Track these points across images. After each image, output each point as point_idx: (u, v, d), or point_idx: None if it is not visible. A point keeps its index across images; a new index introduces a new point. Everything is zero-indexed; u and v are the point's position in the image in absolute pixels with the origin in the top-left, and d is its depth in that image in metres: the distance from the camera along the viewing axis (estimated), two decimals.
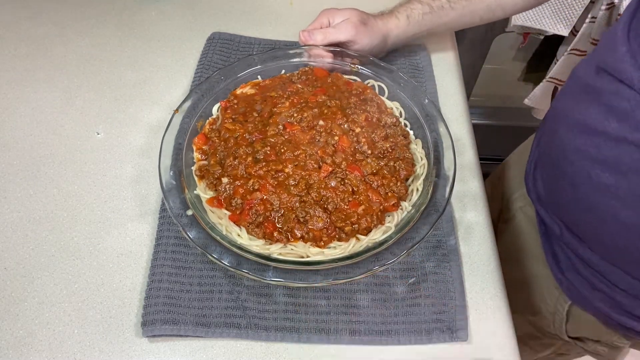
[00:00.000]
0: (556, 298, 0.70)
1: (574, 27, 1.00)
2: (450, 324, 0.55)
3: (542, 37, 1.18)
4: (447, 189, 0.58)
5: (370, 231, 0.57)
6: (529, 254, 0.75)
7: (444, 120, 0.65)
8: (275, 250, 0.55)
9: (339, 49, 0.74)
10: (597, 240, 0.57)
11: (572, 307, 0.69)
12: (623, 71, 0.48)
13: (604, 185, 0.52)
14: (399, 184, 0.61)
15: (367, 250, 0.54)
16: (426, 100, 0.68)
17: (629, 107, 0.48)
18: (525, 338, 0.81)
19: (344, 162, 0.61)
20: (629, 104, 0.48)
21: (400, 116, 0.70)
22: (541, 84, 1.08)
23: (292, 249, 0.56)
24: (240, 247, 0.54)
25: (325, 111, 0.65)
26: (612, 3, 0.85)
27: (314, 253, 0.55)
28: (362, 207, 0.58)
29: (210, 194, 0.60)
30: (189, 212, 0.56)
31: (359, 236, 0.56)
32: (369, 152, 0.63)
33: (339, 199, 0.58)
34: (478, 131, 0.78)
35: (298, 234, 0.56)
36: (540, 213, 0.67)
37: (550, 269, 0.68)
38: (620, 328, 0.64)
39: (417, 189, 0.61)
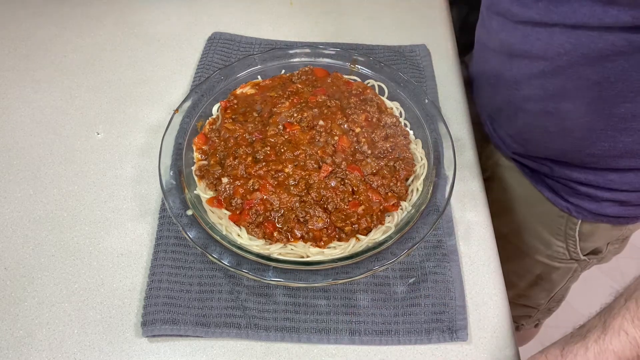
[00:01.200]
0: (564, 224, 0.73)
1: None
2: (450, 324, 0.55)
3: None
4: (447, 189, 0.58)
5: (370, 231, 0.57)
6: (522, 198, 0.78)
7: (444, 120, 0.65)
8: (275, 250, 0.55)
9: (338, 48, 0.74)
10: (587, 157, 0.62)
11: (582, 225, 0.72)
12: (517, 14, 0.56)
13: (566, 112, 0.58)
14: (399, 184, 0.61)
15: (367, 250, 0.54)
16: (426, 100, 0.68)
17: (543, 43, 0.55)
18: (543, 276, 0.84)
19: (344, 162, 0.61)
20: (541, 41, 0.55)
21: (400, 116, 0.70)
22: None
23: (292, 249, 0.56)
24: (240, 247, 0.54)
25: (325, 111, 0.65)
26: None
27: (314, 253, 0.55)
28: (362, 207, 0.58)
29: (210, 194, 0.60)
30: (189, 212, 0.56)
31: (359, 236, 0.56)
32: (369, 152, 0.63)
33: (339, 199, 0.58)
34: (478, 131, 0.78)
35: (298, 234, 0.56)
36: (521, 162, 0.72)
37: (551, 202, 0.71)
38: (633, 219, 0.69)
39: (417, 189, 0.61)
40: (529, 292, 0.90)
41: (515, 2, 0.56)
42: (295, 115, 0.64)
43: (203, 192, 0.61)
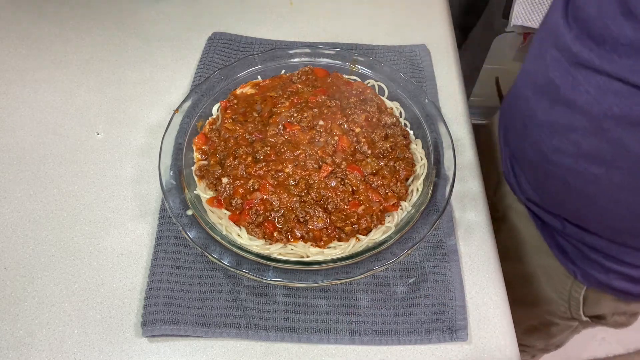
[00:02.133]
0: (569, 286, 0.70)
1: None
2: (450, 324, 0.55)
3: None
4: (447, 189, 0.58)
5: (370, 231, 0.57)
6: (530, 247, 0.74)
7: (444, 120, 0.65)
8: (275, 250, 0.55)
9: (338, 48, 0.74)
10: (603, 227, 0.57)
11: (588, 291, 0.68)
12: (577, 54, 0.47)
13: (595, 176, 0.51)
14: (399, 184, 0.61)
15: (367, 250, 0.54)
16: (426, 100, 0.68)
17: (592, 98, 0.47)
18: (541, 327, 0.81)
19: (344, 162, 0.61)
20: (590, 95, 0.47)
21: (400, 116, 0.70)
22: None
23: (292, 249, 0.56)
24: (240, 247, 0.54)
25: (325, 111, 0.65)
26: None
27: (314, 253, 0.55)
28: (362, 207, 0.58)
29: (210, 194, 0.60)
30: (189, 212, 0.56)
31: (359, 236, 0.56)
32: (369, 152, 0.63)
33: (339, 199, 0.58)
34: (478, 131, 0.78)
35: (298, 234, 0.56)
36: (535, 211, 0.67)
37: (559, 261, 0.67)
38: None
39: (417, 189, 0.61)
40: (525, 337, 0.87)
41: (578, 39, 0.48)
42: (295, 115, 0.64)
43: (203, 192, 0.61)
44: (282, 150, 0.62)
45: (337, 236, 0.57)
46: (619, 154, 0.48)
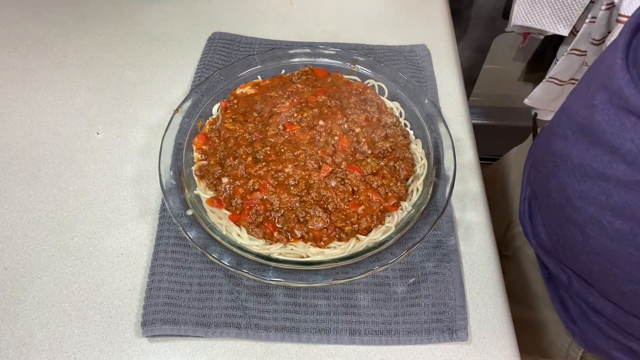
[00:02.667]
0: (568, 344, 0.67)
1: (574, 27, 1.00)
2: (450, 324, 0.55)
3: (542, 37, 1.18)
4: (447, 189, 0.58)
5: (371, 231, 0.57)
6: (535, 296, 0.71)
7: (444, 120, 0.65)
8: (275, 250, 0.55)
9: (338, 48, 0.74)
10: (612, 289, 0.53)
11: (586, 353, 0.66)
12: (629, 99, 0.43)
13: (618, 233, 0.47)
14: (399, 184, 0.61)
15: (367, 250, 0.54)
16: (426, 100, 0.68)
17: (635, 148, 0.43)
18: None
19: (344, 162, 0.61)
20: (634, 144, 0.43)
21: (400, 116, 0.70)
22: (541, 84, 1.08)
23: (292, 249, 0.56)
24: (240, 247, 0.54)
25: (325, 111, 0.65)
26: (612, 3, 0.85)
27: (314, 253, 0.55)
28: (362, 207, 0.58)
29: (210, 194, 0.60)
30: (189, 212, 0.56)
31: (359, 236, 0.56)
32: (369, 152, 0.63)
33: (339, 199, 0.58)
34: (478, 131, 0.78)
35: (298, 234, 0.56)
36: (543, 259, 0.63)
37: (559, 316, 0.64)
38: None
39: (417, 189, 0.61)
40: None
41: (632, 83, 0.44)
42: (295, 115, 0.64)
43: (203, 192, 0.61)
44: (282, 150, 0.62)
45: (337, 236, 0.57)
46: None
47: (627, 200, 0.45)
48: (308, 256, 0.55)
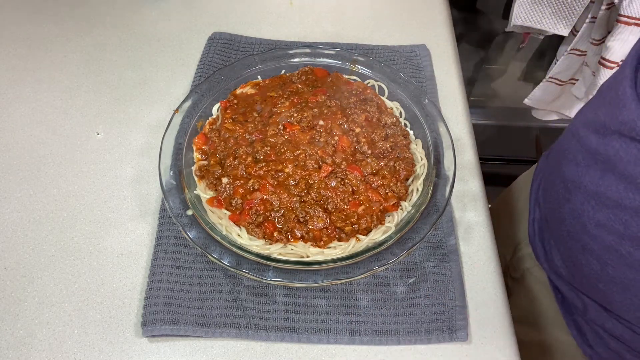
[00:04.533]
0: None
1: (574, 27, 1.00)
2: (450, 324, 0.55)
3: (542, 37, 1.18)
4: (447, 189, 0.58)
5: (370, 231, 0.57)
6: (546, 319, 0.69)
7: (444, 120, 0.65)
8: (275, 250, 0.55)
9: (338, 48, 0.74)
10: (633, 317, 0.52)
11: None
12: None
13: (638, 263, 0.46)
14: (399, 184, 0.61)
15: (367, 250, 0.54)
16: (426, 100, 0.68)
17: None
18: None
19: (344, 162, 0.61)
20: None
21: (400, 116, 0.70)
22: (541, 84, 1.08)
23: (292, 249, 0.56)
24: (240, 247, 0.54)
25: (325, 111, 0.65)
26: (612, 3, 0.85)
27: (314, 253, 0.55)
28: (362, 207, 0.58)
29: (210, 194, 0.60)
30: (189, 212, 0.56)
31: (359, 236, 0.56)
32: (369, 152, 0.63)
33: (339, 199, 0.58)
34: (478, 131, 0.78)
35: (298, 234, 0.56)
36: (557, 284, 0.62)
37: (575, 341, 0.63)
38: None
39: (417, 189, 0.61)
40: None
41: None
42: (295, 115, 0.64)
43: (203, 192, 0.61)
44: (282, 150, 0.62)
45: (337, 236, 0.57)
46: None
47: None
48: (308, 256, 0.55)
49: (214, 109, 0.69)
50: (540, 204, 0.65)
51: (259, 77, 0.73)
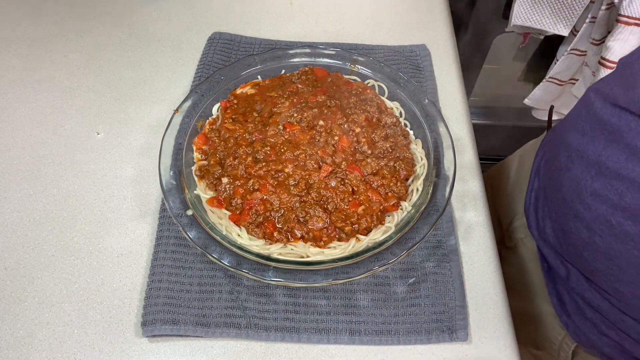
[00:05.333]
0: (562, 337, 0.67)
1: (574, 27, 1.00)
2: (450, 324, 0.55)
3: (542, 37, 1.18)
4: (447, 189, 0.58)
5: (371, 231, 0.57)
6: (533, 289, 0.72)
7: (444, 120, 0.65)
8: (275, 250, 0.55)
9: (338, 48, 0.74)
10: (611, 288, 0.53)
11: (578, 347, 0.66)
12: None
13: (626, 234, 0.47)
14: (399, 184, 0.61)
15: (367, 250, 0.54)
16: (426, 100, 0.68)
17: None
18: None
19: (344, 162, 0.61)
20: None
21: (400, 116, 0.70)
22: (541, 84, 1.08)
23: (292, 249, 0.56)
24: (240, 247, 0.54)
25: (325, 111, 0.65)
26: (612, 3, 0.85)
27: (314, 253, 0.55)
28: (362, 207, 0.58)
29: (210, 194, 0.60)
30: (189, 212, 0.56)
31: (359, 236, 0.56)
32: (369, 152, 0.63)
33: (339, 199, 0.58)
34: (478, 131, 0.78)
35: (298, 234, 0.56)
36: (544, 252, 0.63)
37: (554, 309, 0.65)
38: None
39: (417, 189, 0.61)
40: None
41: None
42: (295, 115, 0.64)
43: (203, 192, 0.61)
44: (282, 150, 0.62)
45: (337, 236, 0.57)
46: None
47: (639, 203, 0.45)
48: (308, 256, 0.55)
49: (214, 109, 0.69)
50: (540, 174, 0.67)
51: (259, 77, 0.73)
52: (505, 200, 0.82)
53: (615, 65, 0.82)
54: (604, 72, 0.85)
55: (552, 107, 0.82)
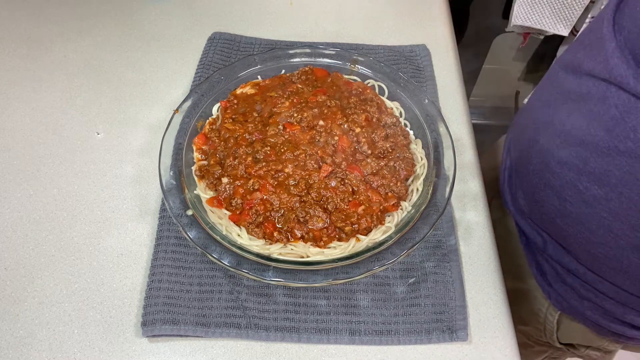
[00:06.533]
0: (546, 308, 0.69)
1: (574, 27, 1.00)
2: (450, 324, 0.55)
3: (542, 37, 1.18)
4: (447, 189, 0.58)
5: (370, 231, 0.57)
6: (513, 266, 0.73)
7: (444, 120, 0.65)
8: (275, 250, 0.55)
9: (338, 48, 0.74)
10: (585, 252, 0.55)
11: (562, 316, 0.68)
12: (613, 69, 0.44)
13: (593, 198, 0.49)
14: (399, 184, 0.61)
15: (367, 250, 0.54)
16: (426, 100, 0.68)
17: (618, 114, 0.44)
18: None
19: (344, 162, 0.61)
20: (617, 110, 0.44)
21: (400, 116, 0.70)
22: None
23: (292, 249, 0.56)
24: (240, 247, 0.54)
25: (325, 111, 0.65)
26: None
27: (314, 253, 0.55)
28: (362, 207, 0.58)
29: (210, 194, 0.60)
30: (189, 212, 0.56)
31: (359, 236, 0.56)
32: (369, 152, 0.63)
33: (339, 199, 0.58)
34: (478, 131, 0.78)
35: (298, 234, 0.56)
36: (521, 224, 0.65)
37: (536, 280, 0.66)
38: (610, 334, 0.62)
39: (417, 189, 0.61)
40: None
41: (618, 51, 0.44)
42: (295, 115, 0.64)
43: (203, 192, 0.61)
44: (282, 150, 0.62)
45: (337, 236, 0.57)
46: (626, 181, 0.45)
47: (603, 167, 0.47)
48: (308, 256, 0.55)
49: (214, 109, 0.69)
50: (510, 152, 0.68)
51: (259, 77, 0.73)
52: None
53: None
54: None
55: (517, 92, 0.83)
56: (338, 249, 0.55)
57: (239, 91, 0.71)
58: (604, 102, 0.46)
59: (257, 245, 0.56)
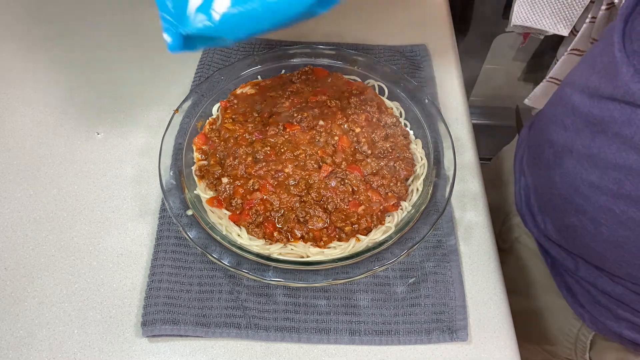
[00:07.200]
0: (578, 329, 0.67)
1: (574, 27, 1.00)
2: (450, 324, 0.55)
3: (542, 37, 1.18)
4: (447, 189, 0.58)
5: (370, 231, 0.57)
6: (537, 285, 0.71)
7: (444, 120, 0.65)
8: (275, 250, 0.55)
9: (339, 48, 0.74)
10: (624, 273, 0.53)
11: (597, 336, 0.65)
12: (636, 93, 0.43)
13: (632, 220, 0.47)
14: (399, 184, 0.61)
15: (367, 250, 0.54)
16: (426, 100, 0.68)
17: None
18: None
19: (344, 162, 0.61)
20: None
21: (400, 116, 0.70)
22: (541, 84, 1.08)
23: (292, 249, 0.56)
24: (240, 247, 0.54)
25: (325, 111, 0.65)
26: (612, 3, 0.85)
27: (314, 253, 0.55)
28: (362, 207, 0.58)
29: (210, 194, 0.60)
30: (189, 212, 0.56)
31: (359, 236, 0.56)
32: (369, 152, 0.63)
33: (339, 199, 0.58)
34: (478, 131, 0.78)
35: (298, 234, 0.56)
36: (546, 247, 0.63)
37: (567, 302, 0.64)
38: None
39: (417, 189, 0.61)
40: None
41: (637, 76, 0.43)
42: (295, 115, 0.64)
43: (203, 192, 0.61)
44: (282, 150, 0.62)
45: (337, 236, 0.57)
46: None
47: None
48: (308, 256, 0.55)
49: (214, 109, 0.69)
50: (525, 173, 0.66)
51: (259, 77, 0.73)
52: (494, 205, 0.82)
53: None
54: None
55: (517, 107, 0.82)
56: (338, 249, 0.55)
57: (239, 91, 0.71)
58: (630, 125, 0.44)
59: (257, 245, 0.56)
